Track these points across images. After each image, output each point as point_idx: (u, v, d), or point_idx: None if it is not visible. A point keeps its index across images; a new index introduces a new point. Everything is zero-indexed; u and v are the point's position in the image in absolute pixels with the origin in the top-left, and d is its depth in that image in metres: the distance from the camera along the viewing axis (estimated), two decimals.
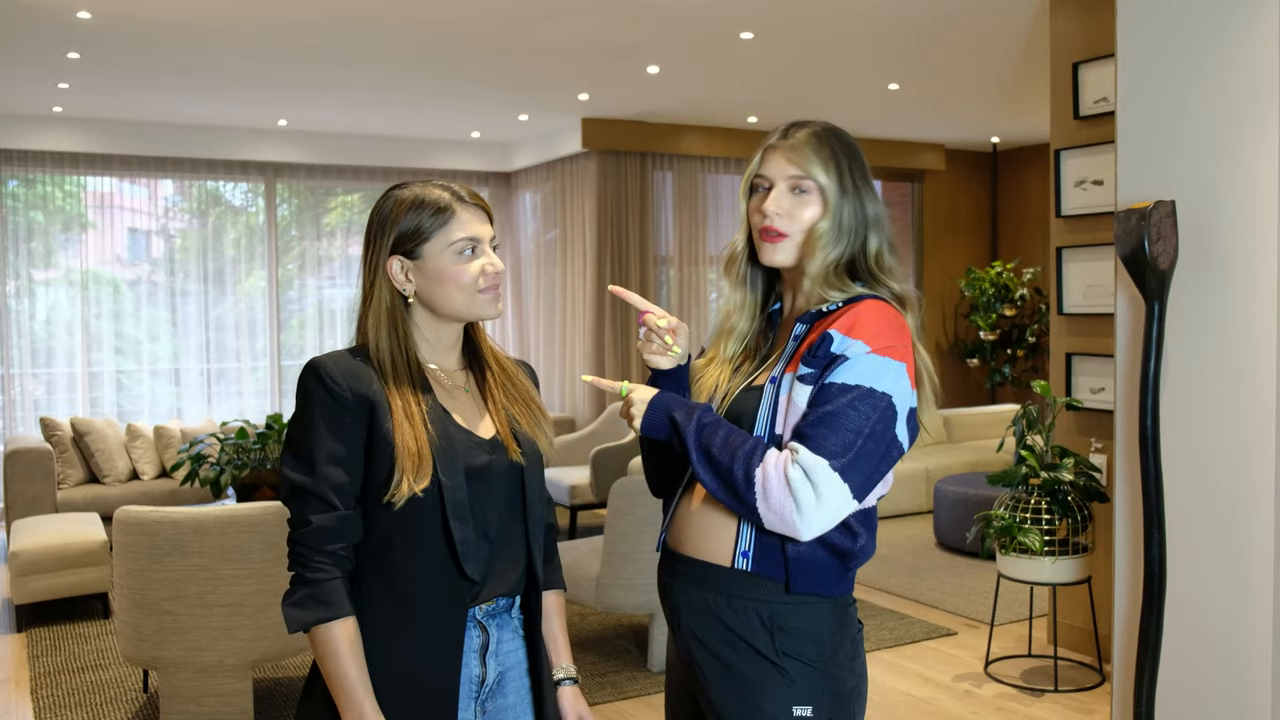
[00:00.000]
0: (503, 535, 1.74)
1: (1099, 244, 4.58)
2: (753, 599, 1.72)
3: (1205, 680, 2.79)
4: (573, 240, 8.98)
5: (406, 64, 6.51)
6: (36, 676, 4.61)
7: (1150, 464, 2.78)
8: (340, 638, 1.61)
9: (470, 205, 1.75)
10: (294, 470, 1.66)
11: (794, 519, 1.62)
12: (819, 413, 1.65)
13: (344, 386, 1.66)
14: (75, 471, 7.13)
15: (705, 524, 1.78)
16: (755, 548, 1.71)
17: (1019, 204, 10.40)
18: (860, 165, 1.80)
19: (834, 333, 1.69)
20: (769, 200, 1.78)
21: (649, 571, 4.36)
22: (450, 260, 1.72)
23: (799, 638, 1.71)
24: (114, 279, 8.56)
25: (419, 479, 1.63)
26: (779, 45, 6.14)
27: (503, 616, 1.76)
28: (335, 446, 1.64)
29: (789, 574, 1.70)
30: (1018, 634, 4.95)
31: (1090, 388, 4.66)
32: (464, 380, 1.81)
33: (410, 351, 1.73)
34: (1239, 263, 2.70)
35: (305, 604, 1.62)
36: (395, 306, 1.73)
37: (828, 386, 1.66)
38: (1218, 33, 2.73)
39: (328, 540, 1.63)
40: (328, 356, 1.71)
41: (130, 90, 7.14)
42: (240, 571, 3.71)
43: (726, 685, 1.74)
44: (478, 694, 1.73)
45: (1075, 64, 4.67)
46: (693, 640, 1.78)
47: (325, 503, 1.63)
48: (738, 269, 1.87)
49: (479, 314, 1.75)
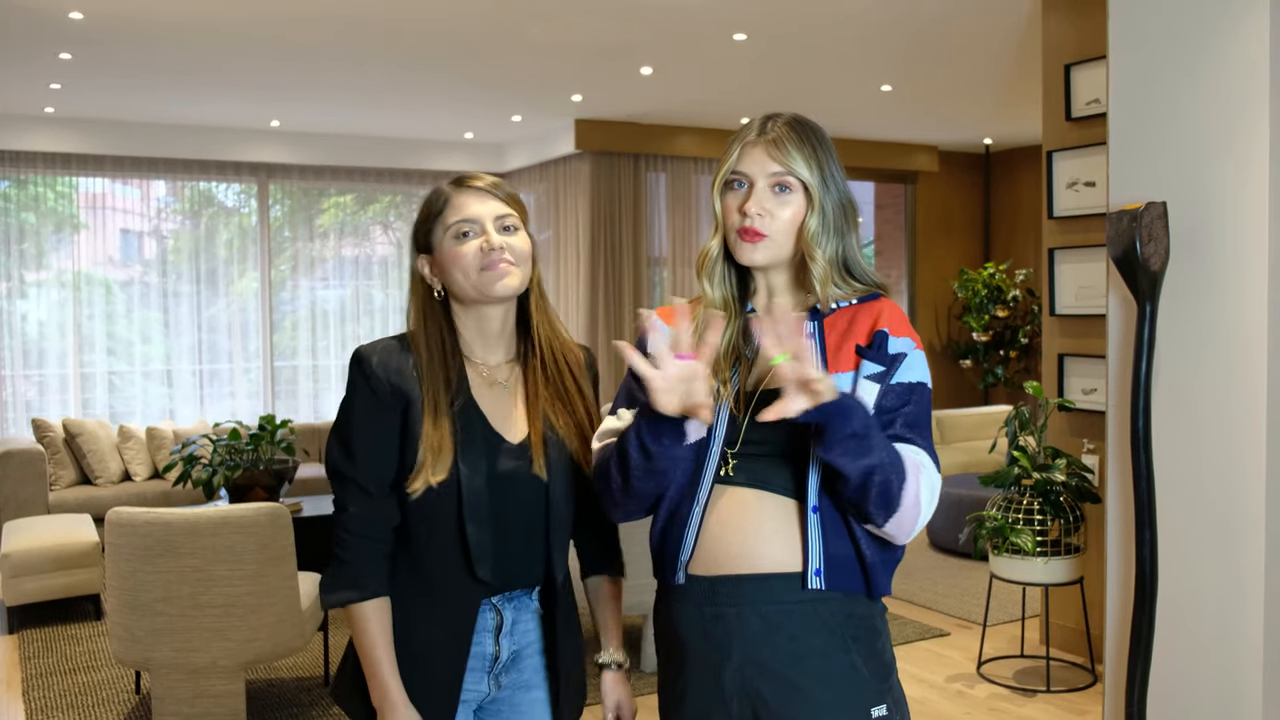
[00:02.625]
0: (522, 540, 1.75)
1: (1091, 245, 4.59)
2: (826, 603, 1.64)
3: (1197, 679, 2.79)
4: (566, 241, 8.98)
5: (399, 65, 6.51)
6: (28, 678, 4.60)
7: (1142, 464, 2.79)
8: (370, 618, 1.70)
9: (468, 189, 1.76)
10: (337, 455, 1.73)
11: (920, 519, 1.61)
12: (906, 415, 1.64)
13: (382, 380, 1.71)
14: (67, 473, 7.11)
15: (758, 536, 1.64)
16: (825, 563, 1.62)
17: (1011, 205, 10.42)
18: (833, 155, 1.75)
19: (886, 331, 1.66)
20: (750, 200, 1.69)
21: (642, 572, 4.33)
22: (450, 245, 1.74)
23: (867, 635, 1.67)
24: (106, 280, 8.54)
25: (437, 472, 1.67)
26: (772, 47, 6.14)
27: (521, 600, 1.80)
28: (372, 435, 1.71)
29: (870, 583, 1.66)
30: (1010, 634, 4.96)
31: (1082, 388, 4.67)
32: (506, 375, 1.80)
33: (448, 345, 1.76)
34: (1230, 264, 2.71)
35: (339, 584, 1.71)
36: (428, 301, 1.78)
37: (895, 387, 1.64)
38: (1208, 35, 2.74)
39: (363, 525, 1.70)
40: (374, 346, 1.75)
41: (122, 91, 7.12)
42: (233, 573, 3.70)
43: (798, 705, 1.63)
44: (491, 669, 1.78)
45: (1067, 66, 4.68)
46: (752, 669, 1.64)
47: (361, 489, 1.70)
48: (717, 271, 1.77)
49: (487, 292, 1.73)
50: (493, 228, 1.74)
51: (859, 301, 1.72)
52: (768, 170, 1.69)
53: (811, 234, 1.70)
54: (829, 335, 1.70)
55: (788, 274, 1.76)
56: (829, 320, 1.71)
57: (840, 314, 1.71)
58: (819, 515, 1.62)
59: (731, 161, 1.73)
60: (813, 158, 1.70)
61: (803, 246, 1.71)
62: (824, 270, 1.70)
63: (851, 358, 1.67)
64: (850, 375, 1.66)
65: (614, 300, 8.73)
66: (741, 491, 1.66)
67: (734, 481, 1.67)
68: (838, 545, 1.63)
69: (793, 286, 1.77)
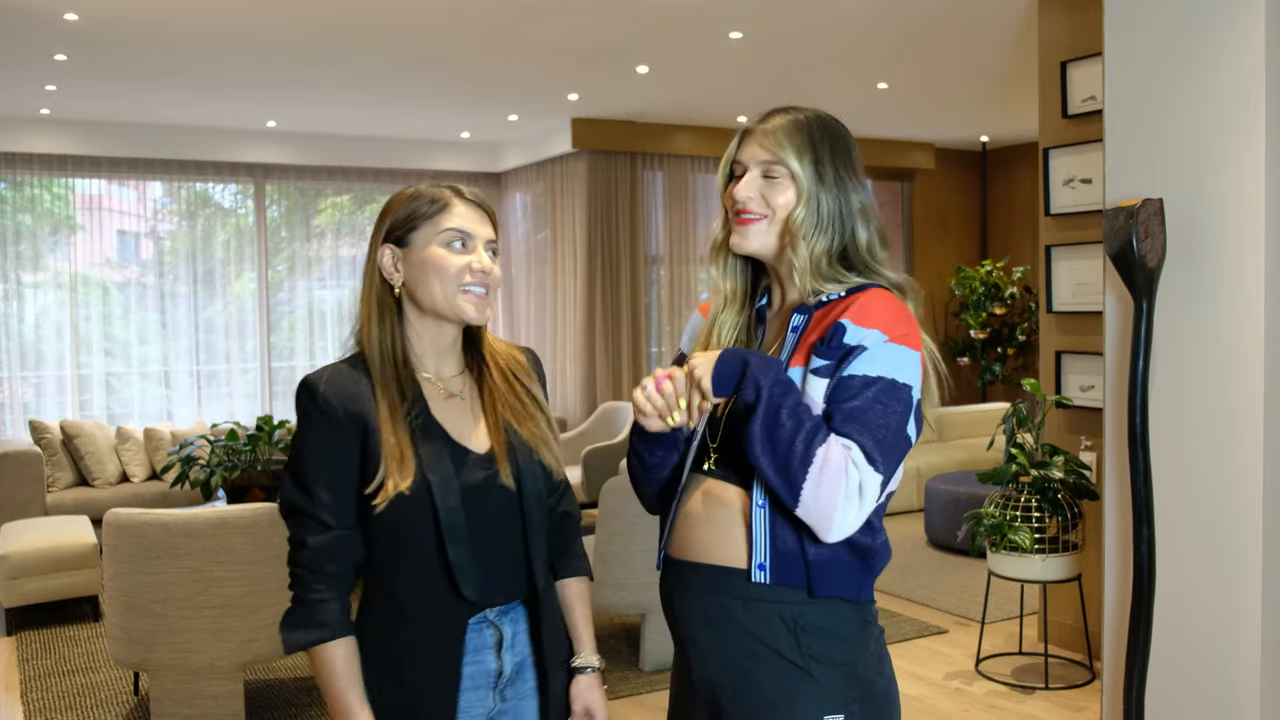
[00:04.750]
0: (501, 550, 1.72)
1: (1088, 242, 4.59)
2: (775, 601, 1.61)
3: (1195, 676, 2.80)
4: (563, 240, 8.98)
5: (396, 64, 6.50)
6: (27, 680, 4.59)
7: (1139, 461, 2.79)
8: (336, 658, 1.63)
9: (470, 203, 1.74)
10: (291, 490, 1.66)
11: (835, 514, 1.53)
12: (846, 408, 1.56)
13: (336, 406, 1.65)
14: (65, 474, 7.10)
15: (713, 526, 1.67)
16: (771, 558, 1.61)
17: (1008, 202, 10.43)
18: (845, 154, 1.74)
19: (846, 322, 1.60)
20: (740, 185, 1.72)
21: (640, 571, 4.36)
22: (437, 249, 1.69)
23: (824, 639, 1.62)
24: (103, 281, 8.53)
25: (403, 478, 1.62)
26: (768, 45, 6.14)
27: (516, 612, 1.76)
28: (329, 466, 1.64)
29: (810, 579, 1.60)
30: (1008, 632, 4.97)
31: (1080, 385, 4.68)
32: (461, 387, 1.77)
33: (400, 350, 1.71)
34: (1226, 260, 2.71)
35: (302, 625, 1.64)
36: (384, 297, 1.72)
37: (848, 380, 1.58)
38: (1204, 32, 2.74)
39: (324, 561, 1.64)
40: (322, 373, 1.69)
41: (118, 92, 7.11)
42: (230, 573, 3.70)
43: (751, 700, 1.63)
44: (495, 684, 1.74)
45: (1063, 63, 4.68)
46: (708, 656, 1.66)
47: (320, 523, 1.64)
48: (723, 258, 1.79)
49: (459, 312, 1.70)
50: (484, 251, 1.72)
51: (848, 294, 1.68)
52: (758, 158, 1.72)
53: (796, 223, 1.68)
54: (811, 330, 1.68)
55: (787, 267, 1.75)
56: (819, 314, 1.69)
57: (831, 306, 1.69)
58: (765, 510, 1.62)
59: (732, 150, 1.76)
60: (805, 149, 1.70)
61: (785, 235, 1.70)
62: (804, 262, 1.68)
63: (808, 351, 1.65)
64: (800, 370, 1.64)
65: (611, 299, 8.73)
66: (710, 483, 1.70)
67: (711, 474, 1.70)
68: (785, 541, 1.61)
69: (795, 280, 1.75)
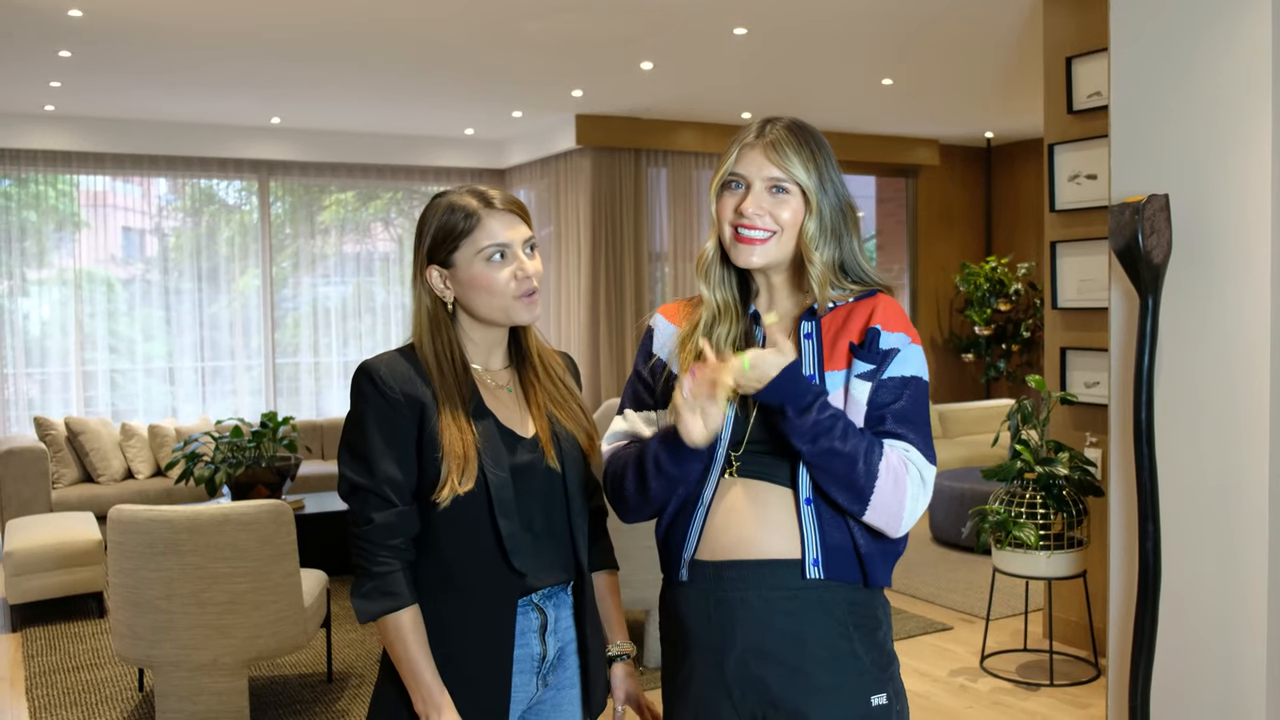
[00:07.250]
0: (547, 528, 1.80)
1: (1093, 238, 4.58)
2: (827, 593, 1.68)
3: (1200, 672, 2.79)
4: (567, 237, 8.97)
5: (400, 61, 6.50)
6: (31, 676, 4.60)
7: (1145, 457, 2.78)
8: (406, 625, 1.70)
9: (499, 211, 1.78)
10: (352, 470, 1.73)
11: (903, 512, 1.64)
12: (895, 410, 1.67)
13: (395, 389, 1.72)
14: (70, 471, 7.11)
15: (763, 523, 1.69)
16: (823, 553, 1.67)
17: (1013, 199, 10.41)
18: (831, 158, 1.76)
19: (879, 328, 1.69)
20: (747, 201, 1.71)
21: (643, 567, 4.36)
22: (481, 268, 1.76)
23: (868, 625, 1.71)
24: (108, 278, 8.54)
25: (464, 480, 1.70)
26: (772, 41, 6.13)
27: (559, 597, 1.83)
28: (390, 446, 1.71)
29: (866, 572, 1.70)
30: (1013, 628, 4.96)
31: (1085, 382, 4.67)
32: (507, 379, 1.87)
33: (456, 354, 1.78)
34: (1232, 256, 2.70)
35: (373, 596, 1.71)
36: (437, 312, 1.80)
37: (887, 382, 1.68)
38: (1210, 26, 2.73)
39: (389, 535, 1.71)
40: (380, 359, 1.77)
41: (123, 88, 7.12)
42: (235, 570, 3.71)
43: (799, 690, 1.67)
44: (539, 669, 1.81)
45: (1068, 58, 4.67)
46: (754, 654, 1.68)
47: (384, 500, 1.71)
48: (715, 273, 1.79)
49: (515, 319, 1.80)
50: (523, 254, 1.78)
51: (855, 300, 1.74)
52: (765, 173, 1.71)
53: (810, 237, 1.72)
54: (825, 335, 1.73)
55: (786, 276, 1.79)
56: (826, 320, 1.73)
57: (836, 312, 1.74)
58: (813, 507, 1.67)
59: (729, 163, 1.74)
60: (810, 161, 1.72)
61: (801, 249, 1.73)
62: (822, 272, 1.72)
63: (845, 355, 1.70)
64: (843, 373, 1.69)
65: (615, 296, 8.72)
66: (745, 483, 1.71)
67: (743, 475, 1.72)
68: (835, 536, 1.68)
69: (791, 288, 1.79)
